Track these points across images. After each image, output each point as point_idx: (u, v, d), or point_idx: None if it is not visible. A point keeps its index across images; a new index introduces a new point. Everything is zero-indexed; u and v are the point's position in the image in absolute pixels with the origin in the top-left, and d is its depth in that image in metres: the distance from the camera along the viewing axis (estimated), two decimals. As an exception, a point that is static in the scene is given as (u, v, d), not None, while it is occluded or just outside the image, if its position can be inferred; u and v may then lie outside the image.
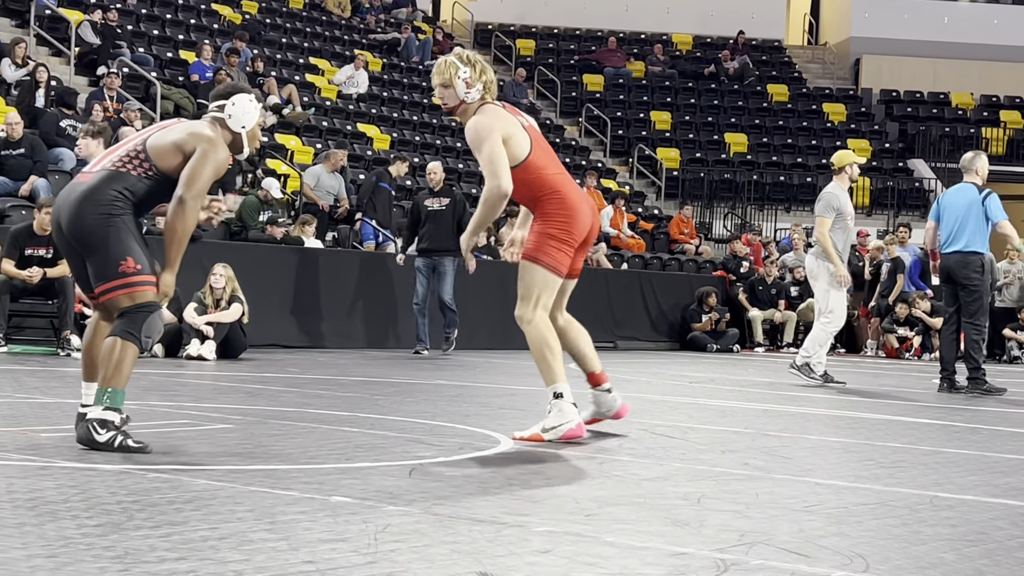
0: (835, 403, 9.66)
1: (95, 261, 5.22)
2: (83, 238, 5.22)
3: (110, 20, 20.38)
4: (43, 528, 3.45)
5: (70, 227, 5.24)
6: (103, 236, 5.18)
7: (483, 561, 3.29)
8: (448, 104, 6.22)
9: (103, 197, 5.23)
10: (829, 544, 3.72)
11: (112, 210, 5.21)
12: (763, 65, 33.04)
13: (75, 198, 5.26)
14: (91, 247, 5.21)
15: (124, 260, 5.18)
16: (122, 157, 5.36)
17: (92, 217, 5.20)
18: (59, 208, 5.32)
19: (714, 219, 26.52)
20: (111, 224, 5.19)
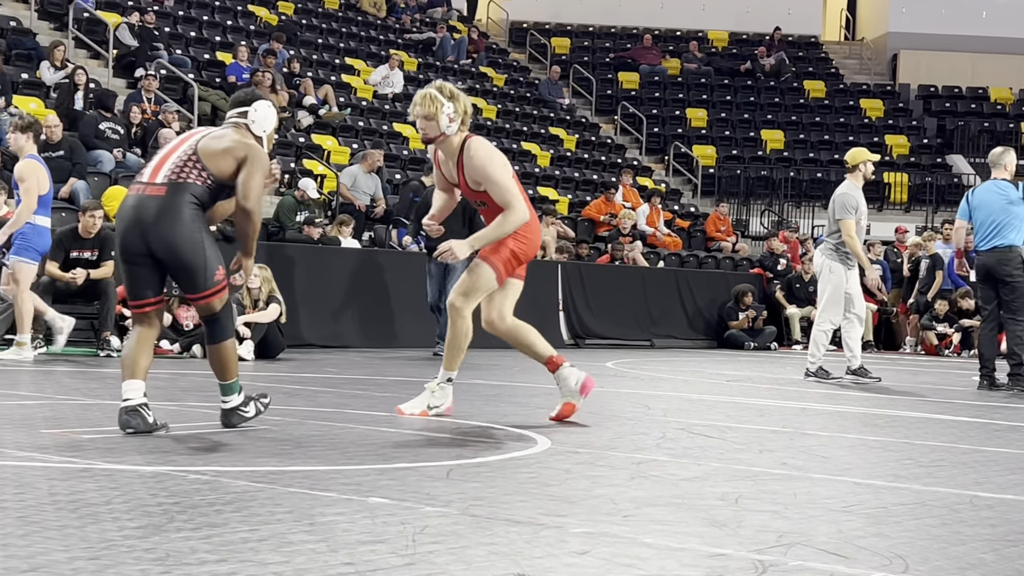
0: (873, 401, 9.61)
1: (191, 272, 5.82)
2: (178, 254, 5.77)
3: (148, 22, 20.51)
4: (85, 530, 3.48)
5: (162, 246, 5.76)
6: (200, 251, 5.79)
7: (521, 562, 3.30)
8: (428, 135, 6.72)
9: (184, 211, 5.76)
10: (868, 545, 3.71)
11: (198, 223, 5.80)
12: (800, 61, 32.90)
13: (155, 216, 5.74)
14: (187, 262, 5.79)
15: (217, 270, 5.88)
16: (179, 166, 5.83)
17: (183, 233, 5.74)
18: (138, 225, 5.77)
19: (751, 216, 26.43)
20: (202, 239, 5.80)
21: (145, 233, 5.75)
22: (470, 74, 27.22)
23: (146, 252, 5.80)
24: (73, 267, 11.57)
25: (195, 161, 5.83)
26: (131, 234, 5.80)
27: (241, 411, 6.15)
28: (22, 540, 3.32)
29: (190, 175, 5.81)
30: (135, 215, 5.80)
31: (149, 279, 5.90)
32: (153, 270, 5.88)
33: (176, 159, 5.85)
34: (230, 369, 6.06)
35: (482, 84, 26.97)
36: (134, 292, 5.93)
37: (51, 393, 7.67)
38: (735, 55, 32.85)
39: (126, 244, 5.83)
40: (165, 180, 5.80)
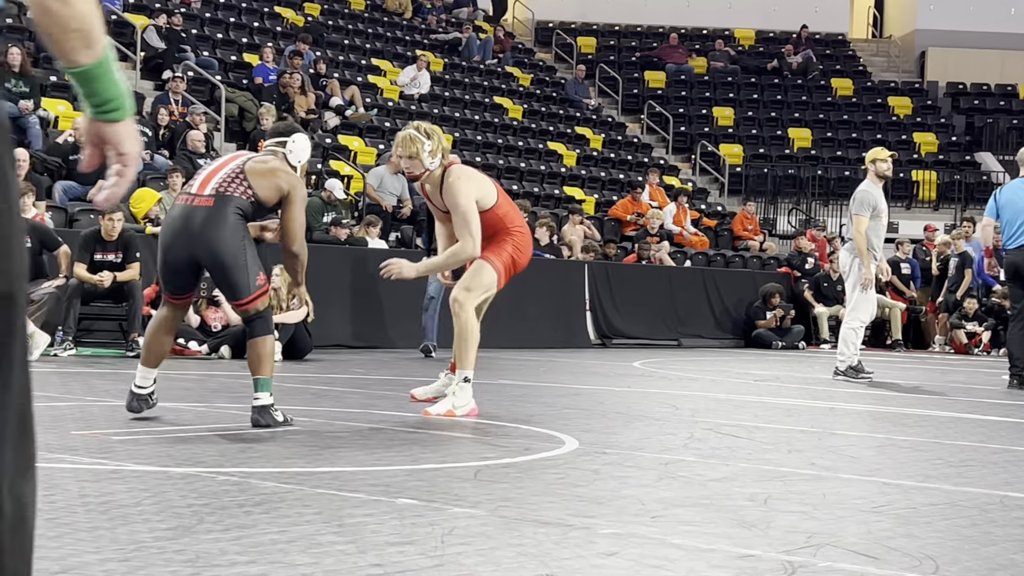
0: (903, 401, 9.58)
1: (235, 280, 6.23)
2: (222, 262, 6.19)
3: (175, 24, 20.59)
4: (115, 532, 3.50)
5: (207, 254, 6.19)
6: (244, 258, 6.21)
7: (549, 564, 3.30)
8: (413, 172, 7.15)
9: (229, 220, 6.18)
10: (898, 545, 3.70)
11: (240, 232, 6.22)
12: (827, 59, 32.79)
13: (202, 224, 6.16)
14: (232, 267, 6.20)
15: (259, 275, 6.30)
16: (226, 181, 6.27)
17: (229, 240, 6.17)
18: (185, 233, 6.18)
19: (778, 215, 26.34)
20: (245, 247, 6.23)
21: (192, 242, 6.19)
22: (496, 74, 27.24)
23: (191, 259, 6.26)
24: (98, 269, 11.62)
25: (242, 178, 6.28)
26: (178, 242, 6.23)
27: (272, 412, 6.30)
28: (53, 542, 3.34)
29: (236, 189, 6.24)
30: (183, 224, 6.22)
31: (188, 278, 6.38)
32: (193, 272, 6.36)
33: (224, 174, 6.30)
34: (266, 365, 6.32)
35: (508, 84, 26.98)
36: (173, 286, 6.37)
37: (80, 394, 7.71)
38: (762, 53, 32.74)
39: (172, 250, 6.27)
40: (213, 192, 6.23)
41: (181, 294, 6.43)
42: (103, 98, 2.21)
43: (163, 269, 6.38)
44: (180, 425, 6.24)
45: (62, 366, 10.15)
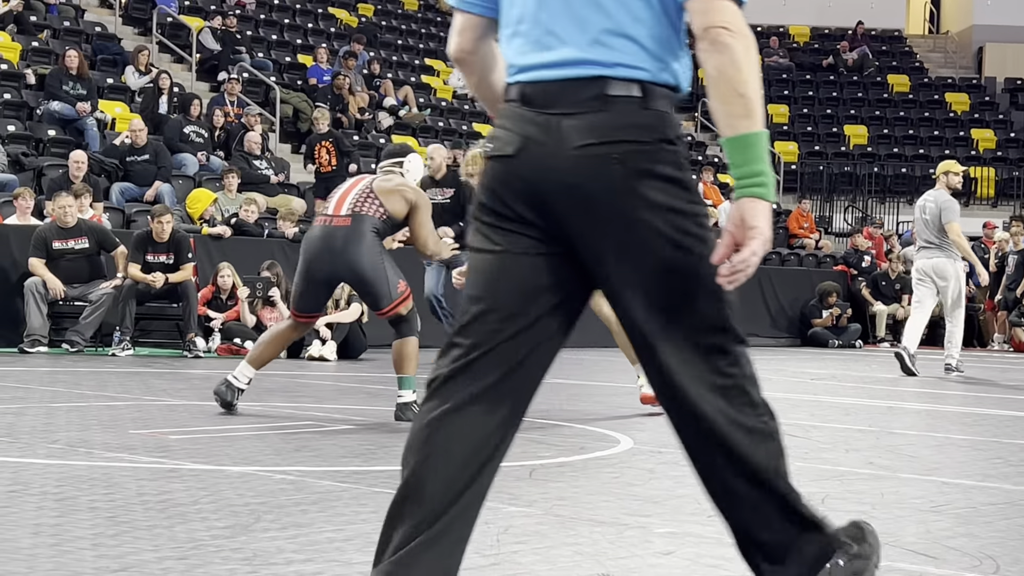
0: (961, 399, 9.48)
1: (376, 290, 6.66)
2: (363, 276, 6.64)
3: (230, 26, 20.72)
4: (173, 530, 3.52)
5: (349, 270, 6.64)
6: (382, 271, 6.65)
7: (605, 563, 3.29)
8: None
9: (367, 237, 6.63)
10: (957, 545, 3.66)
11: (377, 247, 6.67)
12: (883, 55, 32.51)
13: (343, 242, 6.59)
14: (372, 281, 6.64)
15: (399, 284, 6.73)
16: (358, 201, 6.71)
17: (368, 257, 6.61)
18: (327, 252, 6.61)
19: (834, 213, 26.13)
20: (382, 260, 6.69)
21: (333, 259, 6.62)
22: (549, 73, 27.21)
23: (331, 276, 6.75)
24: (150, 270, 11.72)
25: (373, 197, 6.73)
26: (320, 260, 6.66)
27: (414, 408, 6.52)
28: (113, 540, 3.37)
29: (369, 208, 6.69)
30: (324, 244, 6.66)
31: (321, 298, 6.89)
32: (327, 290, 6.92)
33: (355, 195, 6.75)
34: (409, 364, 6.72)
35: (561, 83, 26.94)
36: (302, 305, 6.80)
37: (138, 394, 7.78)
38: (817, 50, 32.52)
39: (314, 268, 6.69)
40: (349, 212, 6.68)
41: (309, 313, 6.84)
42: (752, 170, 2.36)
43: (302, 286, 6.78)
44: (236, 424, 6.28)
45: (120, 366, 10.24)
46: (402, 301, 6.73)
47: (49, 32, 18.27)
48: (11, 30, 17.66)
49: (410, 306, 6.79)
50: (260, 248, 13.41)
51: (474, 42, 2.70)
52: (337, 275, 6.76)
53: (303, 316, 6.85)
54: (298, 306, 6.83)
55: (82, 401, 7.22)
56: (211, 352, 11.89)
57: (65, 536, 3.40)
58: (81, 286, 11.77)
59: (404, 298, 6.74)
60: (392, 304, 6.70)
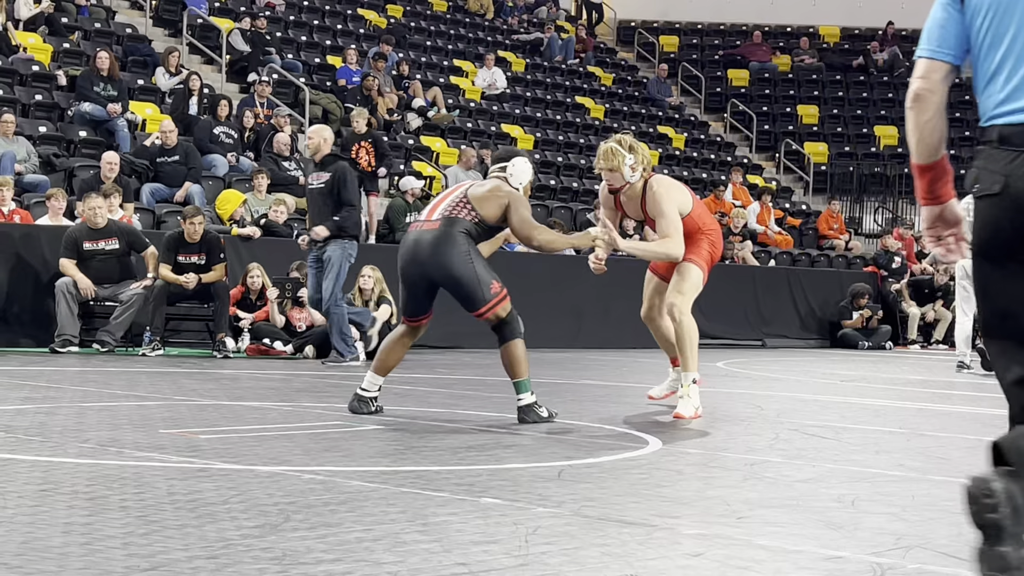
0: (992, 402, 9.42)
1: (469, 291, 6.67)
2: (455, 278, 6.65)
3: (259, 27, 20.78)
4: (203, 529, 3.54)
5: (439, 272, 6.66)
6: (471, 271, 6.64)
7: (634, 564, 3.28)
8: (614, 185, 7.40)
9: (457, 238, 6.64)
10: (989, 548, 3.63)
11: (467, 247, 6.66)
12: (914, 55, 32.34)
13: (432, 246, 6.65)
14: (463, 282, 6.65)
15: (491, 284, 6.69)
16: (450, 207, 6.75)
17: (456, 257, 6.62)
18: (417, 256, 6.69)
19: (864, 214, 26.02)
20: (471, 259, 6.66)
21: (424, 265, 6.68)
22: (578, 74, 27.21)
23: (425, 279, 6.76)
24: (182, 271, 11.77)
25: (466, 203, 6.76)
26: (412, 265, 6.74)
27: (536, 409, 6.73)
28: (143, 539, 3.38)
29: (460, 212, 6.73)
30: (414, 248, 6.73)
31: (423, 300, 6.89)
32: (429, 293, 6.87)
33: (449, 202, 6.80)
34: (521, 366, 6.76)
35: (590, 84, 26.93)
36: (409, 310, 6.92)
37: (169, 394, 7.81)
38: (847, 50, 32.39)
39: (407, 273, 6.79)
40: (439, 217, 6.74)
41: (416, 317, 6.92)
42: None
43: (403, 292, 6.92)
44: (266, 424, 6.30)
45: (150, 366, 10.29)
46: (498, 302, 6.73)
47: (80, 34, 18.36)
48: (42, 31, 17.77)
49: (508, 308, 6.76)
50: (289, 249, 13.44)
51: (939, 83, 3.13)
52: (429, 277, 6.76)
53: (412, 320, 6.95)
54: (405, 311, 6.98)
55: (113, 401, 7.26)
56: (240, 352, 11.94)
57: (96, 535, 3.41)
58: (112, 286, 11.83)
59: (500, 299, 6.73)
60: (487, 306, 6.70)
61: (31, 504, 3.87)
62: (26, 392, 7.64)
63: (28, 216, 12.51)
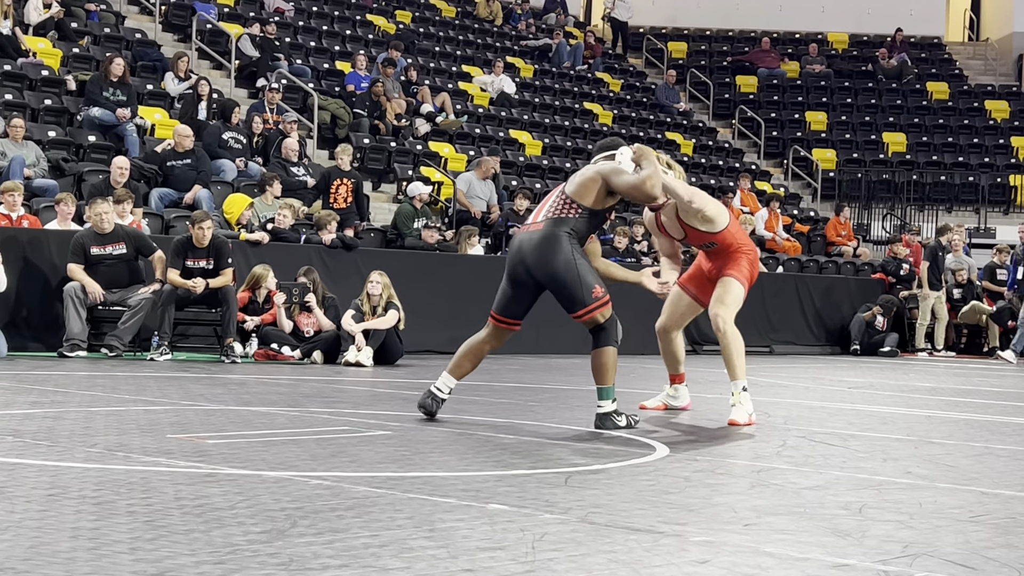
0: (1000, 409, 9.41)
1: (570, 292, 6.68)
2: (556, 276, 6.68)
3: (268, 33, 20.83)
4: (210, 535, 3.54)
5: (541, 271, 6.71)
6: (574, 273, 6.65)
7: (641, 571, 3.28)
8: (653, 204, 7.45)
9: (560, 240, 6.69)
10: (996, 556, 3.63)
11: (572, 250, 6.69)
12: (922, 63, 32.35)
13: (536, 246, 6.72)
14: (565, 283, 6.66)
15: (594, 288, 6.68)
16: (555, 206, 6.82)
17: (560, 258, 6.66)
18: (523, 255, 6.77)
19: (872, 220, 26.01)
20: (577, 263, 6.67)
21: (528, 265, 6.75)
22: (586, 80, 27.22)
23: (529, 280, 6.80)
24: (190, 275, 11.78)
25: (566, 199, 6.81)
26: (518, 266, 6.82)
27: (614, 417, 6.76)
28: (150, 544, 3.38)
29: (564, 211, 6.77)
30: (520, 250, 6.82)
31: (522, 303, 6.94)
32: (530, 296, 6.92)
33: (551, 204, 6.86)
34: (608, 374, 6.75)
35: (598, 89, 26.95)
36: (504, 308, 6.95)
37: (176, 399, 7.82)
38: (856, 57, 32.40)
39: (513, 273, 6.87)
40: (543, 219, 6.81)
41: (510, 319, 6.97)
42: None
43: (506, 291, 6.94)
44: (273, 429, 6.30)
45: (158, 370, 10.30)
46: (599, 307, 6.70)
47: (90, 39, 18.41)
48: (52, 36, 17.81)
49: (608, 313, 6.73)
50: (297, 254, 13.47)
51: None
52: (534, 279, 6.79)
53: (504, 321, 6.99)
54: (503, 311, 6.96)
55: (120, 405, 7.27)
56: (248, 357, 11.95)
57: (103, 540, 3.42)
58: (120, 291, 11.85)
59: (601, 304, 6.70)
60: (586, 309, 6.69)
61: (38, 508, 3.87)
62: (34, 396, 7.65)
63: (36, 221, 12.53)
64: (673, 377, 8.16)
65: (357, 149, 19.07)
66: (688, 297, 8.00)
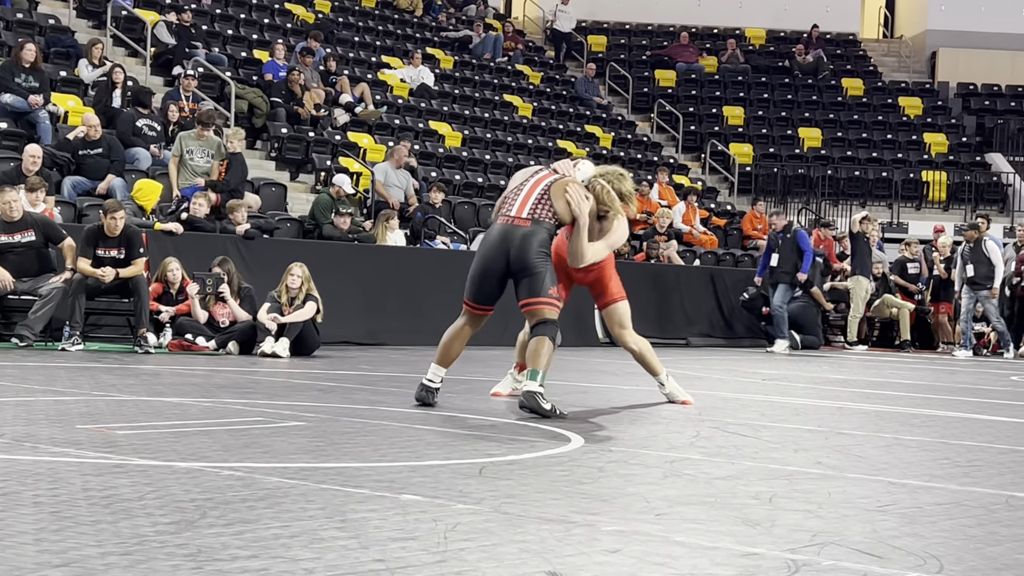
0: (910, 401, 9.55)
1: (531, 282, 7.12)
2: (527, 266, 7.11)
3: (185, 20, 20.60)
4: (118, 525, 3.49)
5: (518, 264, 7.13)
6: (543, 268, 7.14)
7: (552, 560, 3.29)
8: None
9: (543, 241, 7.19)
10: (903, 545, 3.68)
11: (547, 250, 7.23)
12: (838, 59, 32.74)
13: (521, 239, 7.15)
14: (533, 273, 7.11)
15: (554, 287, 7.17)
16: (537, 206, 7.26)
17: (536, 253, 7.13)
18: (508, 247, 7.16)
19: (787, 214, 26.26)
20: (547, 262, 7.19)
21: (509, 255, 7.15)
22: (506, 72, 27.22)
23: (504, 269, 7.20)
24: (101, 265, 11.63)
25: (547, 200, 7.27)
26: (499, 256, 7.18)
27: (539, 398, 7.00)
28: (55, 535, 3.33)
29: (544, 214, 7.25)
30: (501, 241, 7.20)
31: (495, 291, 7.31)
32: (501, 284, 7.29)
33: (535, 199, 7.28)
34: (541, 359, 7.07)
35: (518, 82, 26.96)
36: (477, 296, 7.33)
37: (87, 389, 7.71)
38: (773, 53, 32.71)
39: (489, 262, 7.22)
40: (529, 216, 7.22)
41: (486, 305, 7.35)
42: None
43: (478, 279, 7.28)
44: (185, 420, 6.24)
45: (69, 361, 10.16)
46: (550, 304, 7.12)
47: (1, 24, 18.09)
48: (-38, 21, 17.49)
49: (554, 316, 7.13)
50: (212, 244, 13.34)
51: None
52: (508, 270, 7.19)
53: (477, 308, 7.36)
54: (478, 299, 7.32)
55: (29, 396, 7.16)
56: (162, 348, 11.82)
57: (7, 531, 3.36)
58: (30, 280, 11.67)
59: (553, 302, 7.13)
60: (540, 299, 7.11)
61: (-58, 500, 3.80)
62: (-59, 387, 7.51)
63: (-55, 209, 12.29)
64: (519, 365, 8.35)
65: (275, 139, 18.95)
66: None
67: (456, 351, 7.44)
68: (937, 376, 13.24)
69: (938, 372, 14.08)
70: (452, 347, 7.43)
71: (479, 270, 7.30)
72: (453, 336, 7.45)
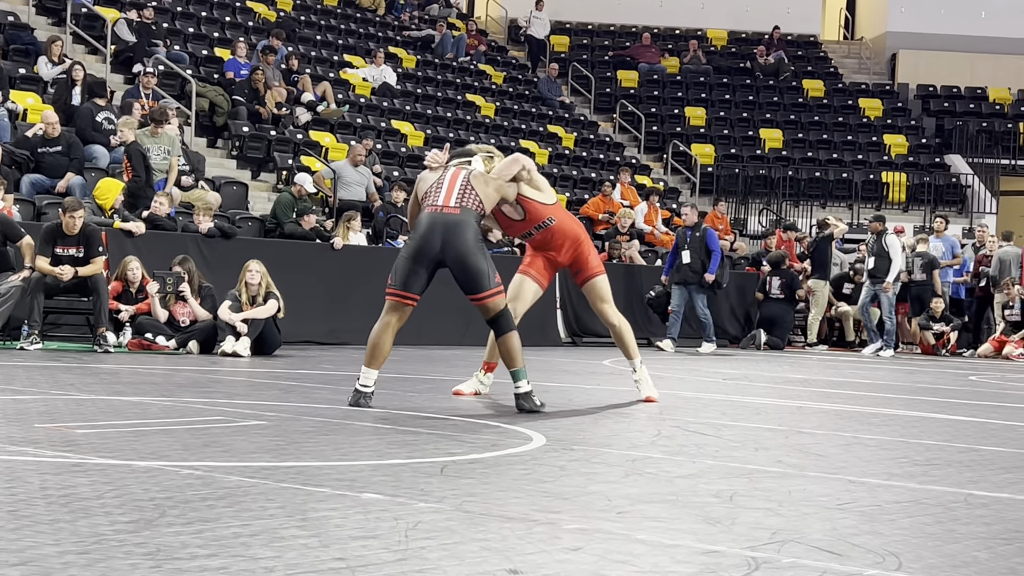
0: (870, 400, 9.61)
1: (473, 276, 7.18)
2: (466, 261, 7.15)
3: (146, 18, 20.47)
4: (76, 524, 3.47)
5: (453, 252, 7.15)
6: (481, 259, 7.18)
7: (513, 559, 3.29)
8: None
9: (474, 228, 7.23)
10: (862, 542, 3.70)
11: (479, 238, 7.25)
12: (798, 60, 32.89)
13: (453, 230, 7.16)
14: (470, 266, 7.16)
15: (494, 276, 7.21)
16: (463, 194, 7.31)
17: (471, 244, 7.16)
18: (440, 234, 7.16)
19: (749, 215, 26.41)
20: (483, 251, 7.23)
21: (442, 244, 7.16)
22: (469, 71, 27.20)
23: (437, 257, 7.20)
24: (59, 263, 11.54)
25: (471, 189, 7.34)
26: (432, 243, 7.17)
27: (532, 397, 7.23)
28: (12, 534, 3.31)
29: (471, 202, 7.31)
30: (433, 228, 7.20)
31: (422, 280, 7.25)
32: (429, 274, 7.26)
33: (459, 188, 7.33)
34: (516, 357, 7.27)
35: (480, 82, 26.95)
36: (405, 284, 7.24)
37: (46, 388, 7.66)
38: (734, 54, 32.83)
39: (423, 243, 7.18)
40: (457, 204, 7.27)
41: (413, 293, 7.26)
42: None
43: (408, 266, 7.21)
44: (145, 419, 6.20)
45: (28, 360, 10.08)
46: (496, 294, 7.24)
47: (-41, 20, 17.94)
48: (-80, 17, 17.32)
49: (503, 303, 7.30)
50: (173, 242, 13.27)
51: None
52: (441, 259, 7.21)
53: (406, 296, 7.27)
54: (405, 286, 7.23)
55: (-13, 395, 7.09)
56: (122, 347, 11.74)
57: (-36, 530, 3.33)
58: (-12, 278, 11.56)
59: (497, 291, 7.25)
60: (487, 293, 7.22)
61: None
62: None
63: (-98, 206, 12.18)
64: (487, 365, 8.39)
65: (236, 137, 18.86)
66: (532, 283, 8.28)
67: (386, 349, 7.31)
68: (896, 376, 13.32)
69: (897, 372, 14.17)
70: (382, 346, 7.28)
71: (410, 254, 7.24)
72: (379, 333, 7.30)
